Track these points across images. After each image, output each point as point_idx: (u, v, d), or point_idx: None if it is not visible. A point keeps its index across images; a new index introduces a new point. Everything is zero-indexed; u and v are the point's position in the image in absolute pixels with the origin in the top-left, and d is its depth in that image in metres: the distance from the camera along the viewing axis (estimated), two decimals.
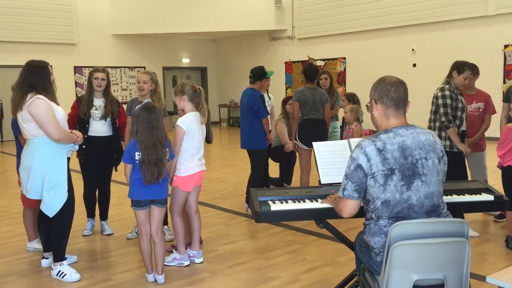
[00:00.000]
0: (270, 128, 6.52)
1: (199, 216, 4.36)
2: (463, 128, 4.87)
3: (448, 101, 4.69)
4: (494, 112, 5.44)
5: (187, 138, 4.10)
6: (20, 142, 4.35)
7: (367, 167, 2.41)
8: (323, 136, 5.82)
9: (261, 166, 6.00)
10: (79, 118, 4.90)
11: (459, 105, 4.76)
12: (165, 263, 4.18)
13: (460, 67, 4.82)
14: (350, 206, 2.51)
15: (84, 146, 4.66)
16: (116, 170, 5.17)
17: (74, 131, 4.13)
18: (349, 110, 6.27)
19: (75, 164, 4.88)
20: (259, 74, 5.89)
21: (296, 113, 5.88)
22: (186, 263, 4.20)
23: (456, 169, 4.56)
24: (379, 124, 2.58)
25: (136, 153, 3.75)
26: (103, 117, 4.89)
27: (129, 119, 4.89)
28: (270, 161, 6.75)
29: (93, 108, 4.90)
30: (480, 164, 5.42)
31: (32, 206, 4.36)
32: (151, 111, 3.75)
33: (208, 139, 4.52)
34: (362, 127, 6.28)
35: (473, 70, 5.17)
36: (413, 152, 2.42)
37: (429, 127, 4.89)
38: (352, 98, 7.21)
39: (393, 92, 2.49)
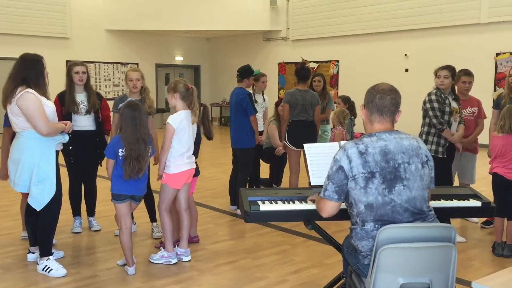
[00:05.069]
0: (262, 129, 6.54)
1: (189, 214, 4.35)
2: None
3: (435, 104, 4.81)
4: (485, 117, 5.55)
5: (177, 136, 4.11)
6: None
7: (348, 169, 2.44)
8: (313, 138, 5.83)
9: (249, 165, 6.00)
10: (63, 115, 4.68)
11: (446, 109, 4.85)
12: (152, 260, 4.20)
13: (435, 71, 4.97)
14: (329, 207, 2.55)
15: (70, 147, 4.57)
16: (101, 165, 5.11)
17: (60, 121, 4.06)
18: (334, 113, 6.31)
19: (61, 159, 4.82)
20: (246, 72, 5.98)
21: (285, 115, 5.88)
22: (174, 261, 4.19)
23: (440, 174, 4.58)
24: (365, 128, 2.64)
25: (120, 150, 3.85)
26: (88, 111, 4.81)
27: (115, 116, 4.78)
28: (261, 161, 6.74)
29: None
30: (471, 166, 5.47)
31: None
32: (135, 108, 3.90)
33: (209, 136, 4.80)
34: (346, 131, 6.31)
35: (449, 69, 4.90)
36: (395, 156, 2.44)
37: (421, 132, 4.98)
38: (348, 101, 7.24)
39: (378, 99, 2.53)
